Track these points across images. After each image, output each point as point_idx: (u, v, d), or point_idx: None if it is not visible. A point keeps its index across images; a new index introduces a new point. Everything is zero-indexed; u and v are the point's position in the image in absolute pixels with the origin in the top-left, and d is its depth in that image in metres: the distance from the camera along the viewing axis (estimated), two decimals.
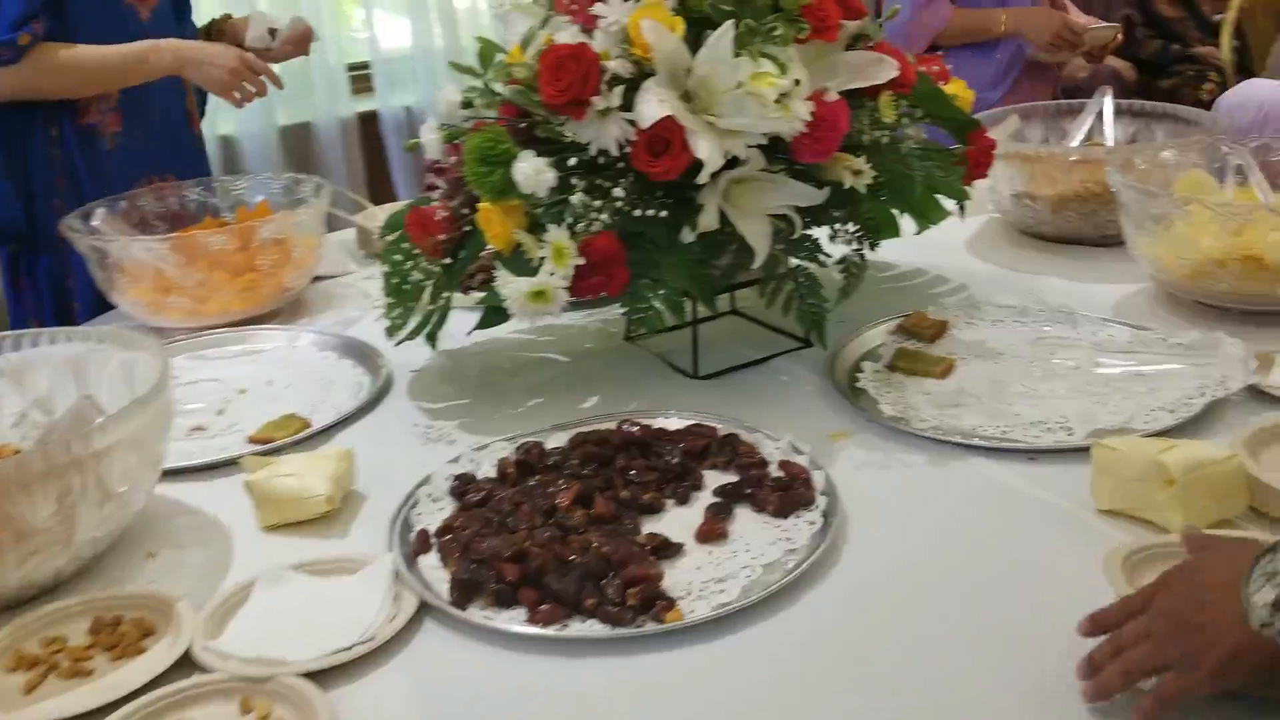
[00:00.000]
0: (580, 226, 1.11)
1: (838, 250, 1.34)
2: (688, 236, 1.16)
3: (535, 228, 1.17)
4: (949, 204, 1.44)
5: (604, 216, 1.09)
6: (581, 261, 1.09)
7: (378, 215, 1.91)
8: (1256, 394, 1.15)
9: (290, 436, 1.23)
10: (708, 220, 1.16)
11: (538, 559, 0.92)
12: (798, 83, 1.06)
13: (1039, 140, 1.84)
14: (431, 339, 1.27)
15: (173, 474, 1.14)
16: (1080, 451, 1.05)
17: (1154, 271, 1.40)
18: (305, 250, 1.60)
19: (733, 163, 1.13)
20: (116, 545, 1.04)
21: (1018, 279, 1.54)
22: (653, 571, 0.91)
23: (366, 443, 1.21)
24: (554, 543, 0.95)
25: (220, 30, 2.00)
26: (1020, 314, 1.38)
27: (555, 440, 1.15)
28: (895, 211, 1.38)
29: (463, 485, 1.08)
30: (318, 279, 1.70)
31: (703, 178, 1.09)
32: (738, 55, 1.07)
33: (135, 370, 1.11)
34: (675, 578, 0.93)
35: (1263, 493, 0.93)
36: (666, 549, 0.96)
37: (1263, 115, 2.21)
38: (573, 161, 1.10)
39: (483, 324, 1.23)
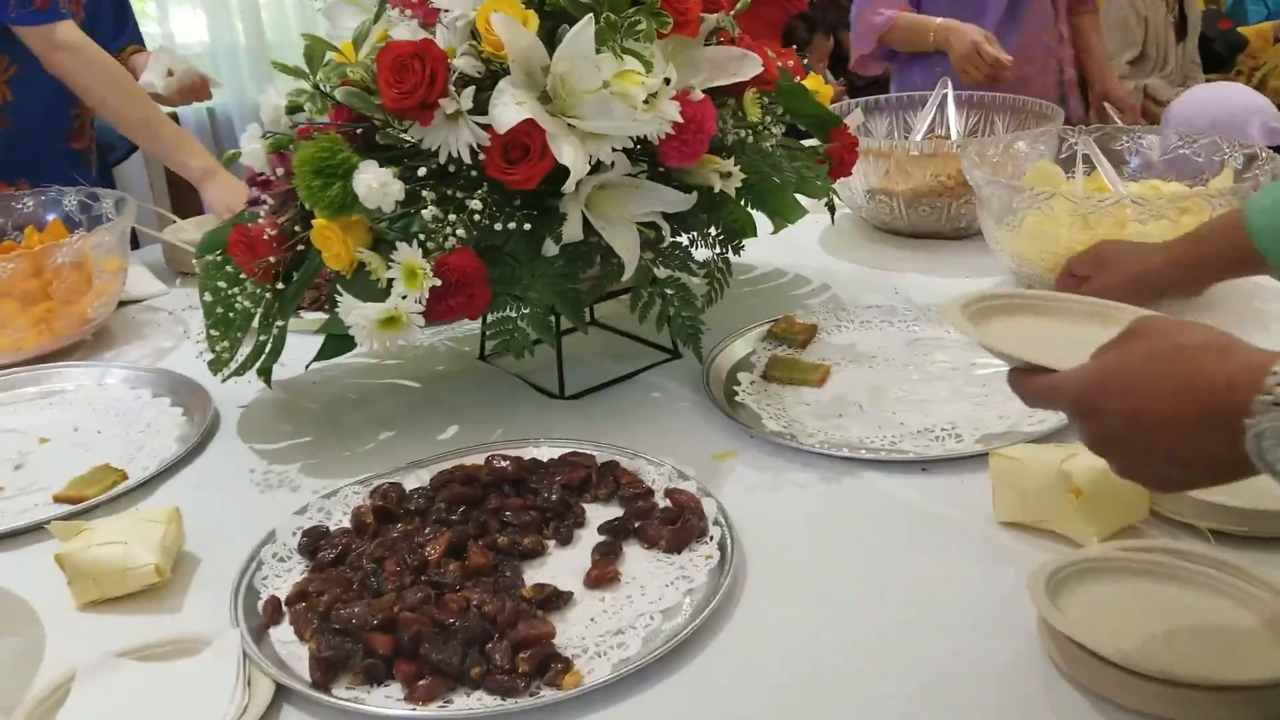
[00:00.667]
0: (434, 243, 1.00)
1: (700, 255, 1.28)
2: (551, 249, 1.07)
3: (380, 245, 1.05)
4: (809, 202, 1.40)
5: (460, 231, 0.98)
6: (437, 282, 0.98)
7: (186, 229, 1.74)
8: None
9: (104, 493, 1.07)
10: (572, 231, 1.07)
11: (411, 625, 0.81)
12: (667, 81, 0.98)
13: (884, 134, 1.83)
14: (265, 374, 1.13)
15: None
16: (972, 459, 1.02)
17: (1014, 265, 1.39)
18: (108, 274, 1.43)
19: (595, 168, 1.04)
20: None
21: (879, 277, 1.52)
22: (544, 629, 0.82)
23: (195, 495, 1.07)
24: (428, 604, 0.84)
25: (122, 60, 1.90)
26: (888, 314, 1.34)
27: (415, 480, 1.04)
28: (752, 211, 1.32)
29: (314, 541, 0.95)
30: (124, 304, 1.52)
31: (569, 186, 0.99)
32: (599, 52, 0.98)
33: None
34: (568, 633, 0.83)
35: (1159, 494, 0.91)
36: (555, 600, 0.86)
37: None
38: (421, 171, 0.99)
39: (323, 354, 1.11)
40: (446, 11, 1.02)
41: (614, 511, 0.98)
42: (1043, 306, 0.89)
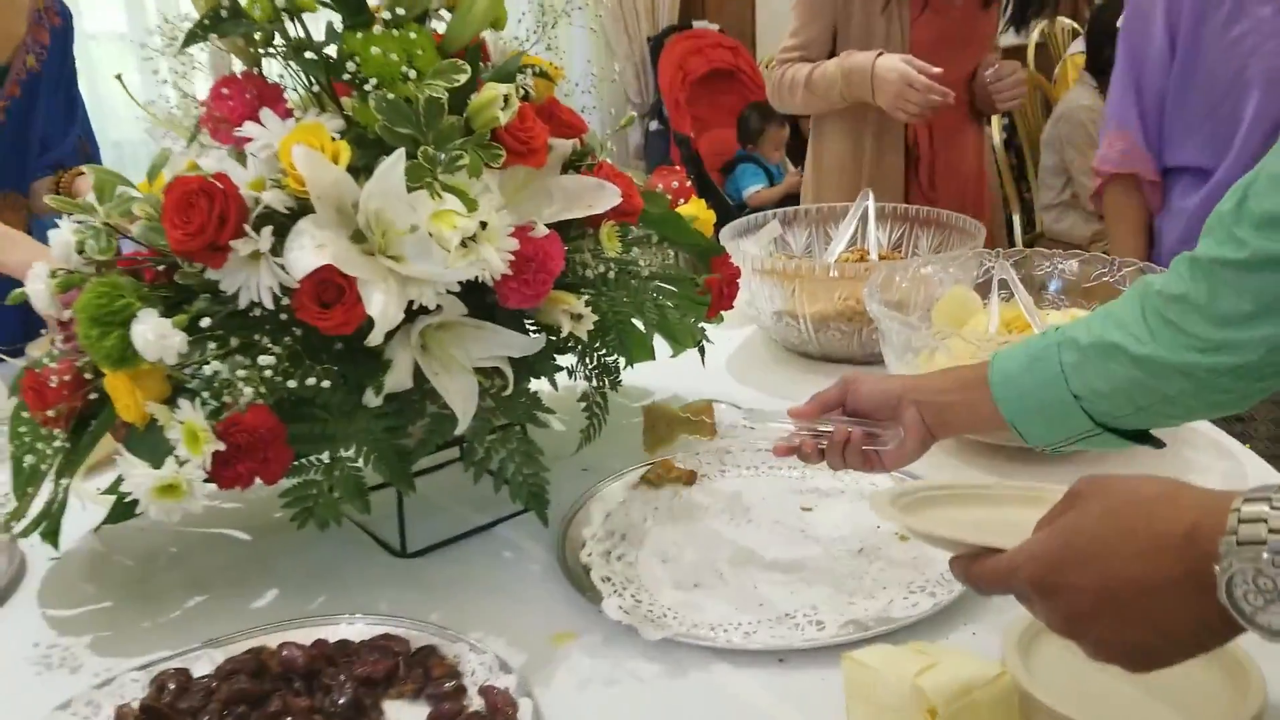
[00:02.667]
0: (223, 399, 0.88)
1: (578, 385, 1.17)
2: (372, 400, 0.95)
3: (182, 394, 0.93)
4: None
5: (248, 389, 0.87)
6: (221, 446, 0.87)
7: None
8: None
9: None
10: (398, 378, 0.96)
11: None
12: (484, 225, 0.87)
13: (802, 247, 1.73)
14: (51, 536, 1.00)
15: None
16: (835, 650, 0.89)
17: None
18: None
19: (423, 310, 0.93)
20: None
21: (782, 407, 1.40)
22: None
23: None
24: None
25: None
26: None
27: (208, 663, 0.91)
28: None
29: None
30: None
31: (374, 339, 0.88)
32: (414, 189, 0.88)
33: None
34: None
35: (1038, 714, 0.79)
36: None
37: None
38: (205, 322, 0.88)
39: (111, 517, 0.98)
40: (253, 139, 0.92)
41: (419, 713, 0.85)
42: (973, 496, 0.89)
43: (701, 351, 1.26)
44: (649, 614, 0.95)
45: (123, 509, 0.96)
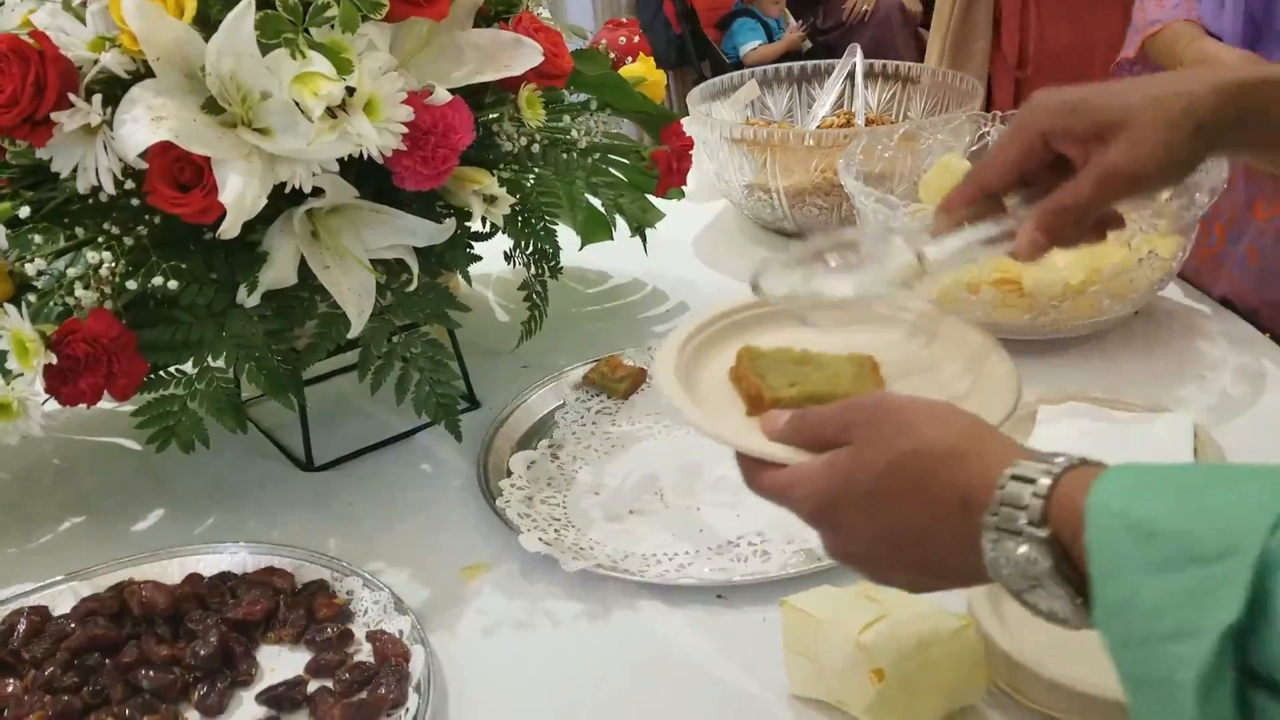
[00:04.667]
0: (55, 303, 0.75)
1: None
2: (248, 299, 0.82)
3: (27, 291, 0.80)
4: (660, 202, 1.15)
5: (85, 292, 0.73)
6: (52, 359, 0.74)
7: None
8: None
9: None
10: (276, 274, 0.82)
11: None
12: (351, 91, 0.72)
13: (783, 111, 1.56)
14: None
15: None
16: (781, 584, 0.78)
17: None
18: None
19: (299, 194, 0.79)
20: None
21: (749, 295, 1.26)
22: None
23: None
24: None
25: None
26: None
27: (70, 599, 0.80)
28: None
29: None
30: None
31: (227, 229, 0.74)
32: (272, 46, 0.72)
33: None
34: None
35: (1014, 672, 0.67)
36: None
37: None
38: (24, 212, 0.74)
39: None
40: None
41: (298, 660, 0.75)
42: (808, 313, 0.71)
43: (643, 238, 1.11)
44: (574, 546, 0.83)
45: None
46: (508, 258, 1.08)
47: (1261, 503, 0.41)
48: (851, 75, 1.52)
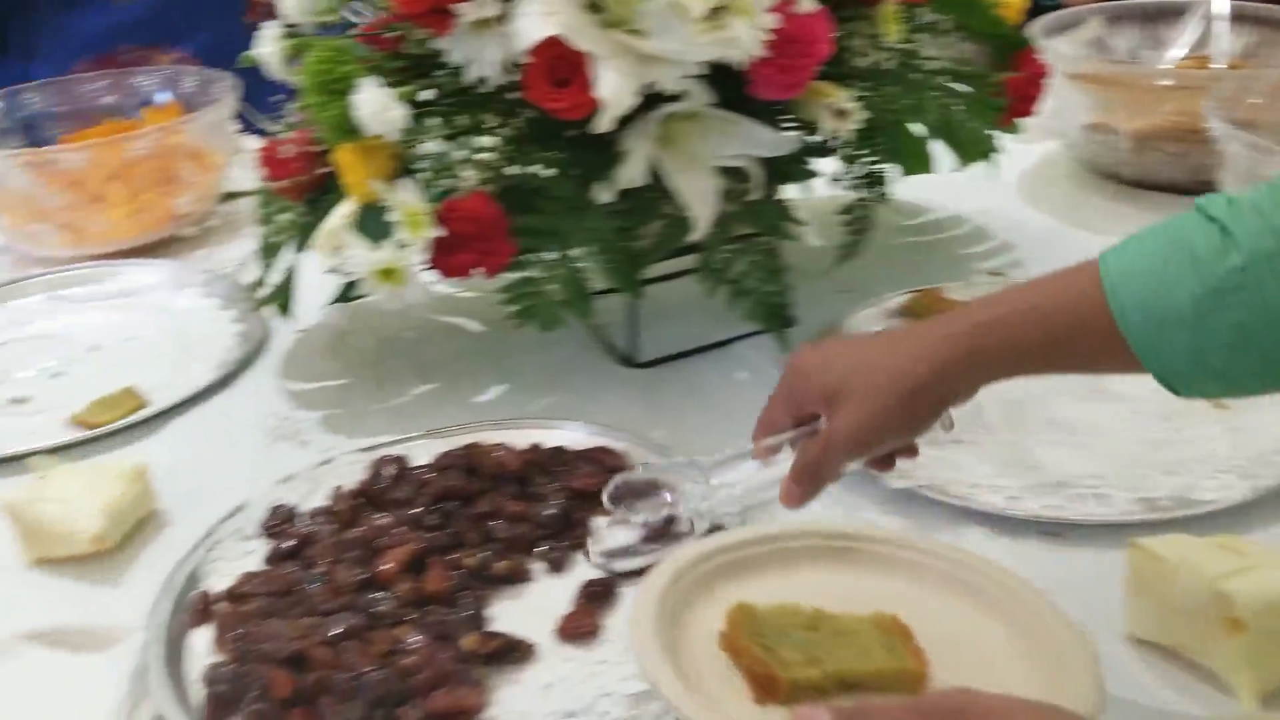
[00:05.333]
0: (446, 182, 0.82)
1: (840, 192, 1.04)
2: (603, 195, 0.86)
3: (410, 174, 0.88)
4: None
5: (469, 173, 0.80)
6: (442, 232, 0.81)
7: None
8: None
9: (118, 420, 0.98)
10: (632, 173, 0.86)
11: (319, 666, 0.67)
12: None
13: (1127, 51, 1.46)
14: (282, 306, 1.00)
15: None
16: (1120, 530, 0.75)
17: None
18: (203, 165, 1.34)
19: (662, 97, 0.82)
20: None
21: (1084, 240, 1.20)
22: (469, 701, 0.65)
23: (203, 435, 0.97)
24: (351, 639, 0.69)
25: None
26: None
27: (425, 453, 0.89)
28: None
29: (279, 522, 0.82)
30: (231, 197, 1.43)
31: (602, 124, 0.78)
32: None
33: None
34: (512, 702, 0.67)
35: None
36: (507, 654, 0.69)
37: None
38: (424, 96, 0.81)
39: (338, 297, 0.96)
40: None
41: (630, 536, 0.79)
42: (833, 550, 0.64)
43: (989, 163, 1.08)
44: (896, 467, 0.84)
45: (348, 289, 0.93)
46: (836, 180, 1.08)
47: None
48: (1209, 15, 1.41)
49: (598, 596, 0.73)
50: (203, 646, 0.72)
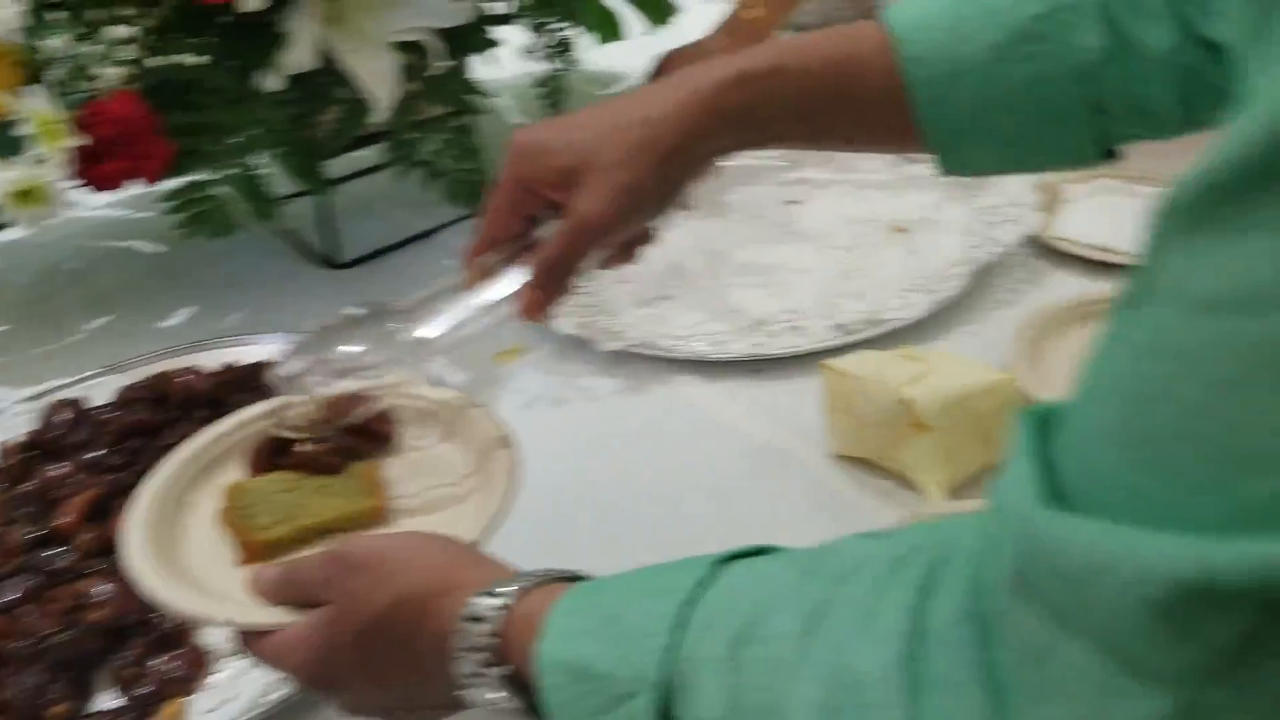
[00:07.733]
0: (83, 85, 0.73)
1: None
2: (270, 83, 0.80)
3: (39, 79, 0.78)
4: None
5: (108, 70, 0.71)
6: (85, 140, 0.72)
7: None
8: (1045, 250, 0.90)
9: None
10: (297, 57, 0.80)
11: None
12: None
13: None
14: None
15: None
16: (818, 357, 0.78)
17: None
18: None
19: None
20: None
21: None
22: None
23: None
24: (29, 603, 0.62)
25: None
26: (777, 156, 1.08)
27: (105, 392, 0.80)
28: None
29: None
30: None
31: (250, 2, 0.71)
32: None
33: None
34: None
35: None
36: None
37: None
38: None
39: None
40: None
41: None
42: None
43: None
44: (606, 330, 0.84)
45: None
46: (530, 52, 1.05)
47: (663, 612, 0.39)
48: None
49: None
50: None
